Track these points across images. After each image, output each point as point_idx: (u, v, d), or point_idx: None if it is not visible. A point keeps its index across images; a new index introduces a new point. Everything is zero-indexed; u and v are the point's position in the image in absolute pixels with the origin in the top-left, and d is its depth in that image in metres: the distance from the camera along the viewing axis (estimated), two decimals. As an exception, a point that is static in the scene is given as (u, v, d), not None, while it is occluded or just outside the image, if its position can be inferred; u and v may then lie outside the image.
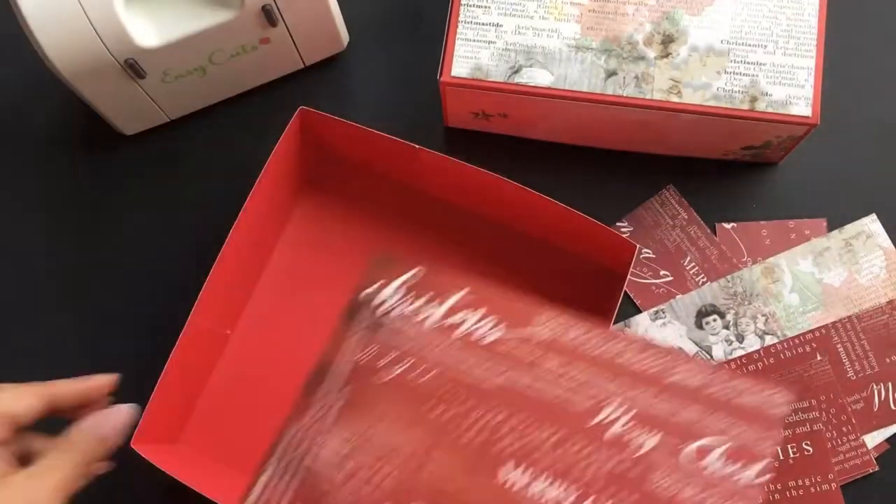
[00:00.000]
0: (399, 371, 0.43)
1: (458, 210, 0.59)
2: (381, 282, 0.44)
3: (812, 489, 0.53)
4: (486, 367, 0.42)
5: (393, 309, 0.44)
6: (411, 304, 0.44)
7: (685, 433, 0.40)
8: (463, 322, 0.43)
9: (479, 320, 0.43)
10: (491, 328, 0.43)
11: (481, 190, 0.56)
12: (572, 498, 0.39)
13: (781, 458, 0.54)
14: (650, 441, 0.40)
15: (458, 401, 0.42)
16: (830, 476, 0.53)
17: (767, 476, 0.39)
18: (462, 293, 0.44)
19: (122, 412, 0.44)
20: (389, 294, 0.44)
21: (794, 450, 0.54)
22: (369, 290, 0.44)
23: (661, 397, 0.41)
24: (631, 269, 0.51)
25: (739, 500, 0.38)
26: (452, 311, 0.43)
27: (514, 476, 0.40)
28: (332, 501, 0.40)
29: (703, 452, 0.39)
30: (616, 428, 0.41)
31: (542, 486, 0.40)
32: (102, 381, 0.45)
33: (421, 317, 0.43)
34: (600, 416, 0.41)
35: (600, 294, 0.55)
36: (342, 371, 0.43)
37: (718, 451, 0.39)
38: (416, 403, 0.42)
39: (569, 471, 0.40)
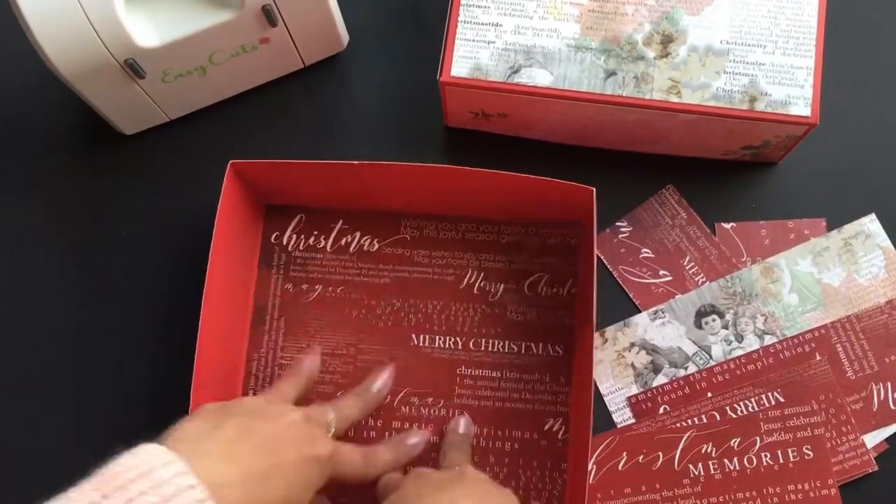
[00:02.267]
0: (318, 290, 0.58)
1: (415, 216, 0.59)
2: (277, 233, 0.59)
3: (811, 493, 0.53)
4: (377, 270, 0.58)
5: (295, 248, 0.59)
6: (306, 240, 0.59)
7: (521, 274, 0.58)
8: (348, 244, 0.58)
9: (360, 239, 0.58)
10: (369, 243, 0.58)
11: (431, 185, 0.56)
12: (460, 343, 0.57)
13: (781, 461, 0.54)
14: (500, 287, 0.57)
15: (366, 299, 0.58)
16: (830, 482, 0.53)
17: (574, 289, 0.57)
18: (339, 224, 0.59)
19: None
20: (287, 237, 0.59)
21: (795, 454, 0.54)
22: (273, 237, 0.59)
23: (499, 255, 0.58)
24: (628, 268, 0.51)
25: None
26: (337, 238, 0.59)
27: (420, 340, 0.57)
28: None
29: (535, 283, 0.57)
30: (476, 286, 0.58)
31: (439, 341, 0.57)
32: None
33: (318, 247, 0.59)
34: (464, 282, 0.58)
35: (574, 249, 0.58)
36: (275, 304, 0.58)
37: (543, 280, 0.57)
38: (337, 311, 0.58)
39: (453, 326, 0.57)
